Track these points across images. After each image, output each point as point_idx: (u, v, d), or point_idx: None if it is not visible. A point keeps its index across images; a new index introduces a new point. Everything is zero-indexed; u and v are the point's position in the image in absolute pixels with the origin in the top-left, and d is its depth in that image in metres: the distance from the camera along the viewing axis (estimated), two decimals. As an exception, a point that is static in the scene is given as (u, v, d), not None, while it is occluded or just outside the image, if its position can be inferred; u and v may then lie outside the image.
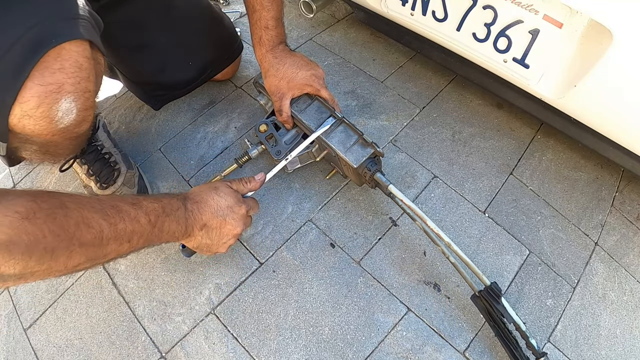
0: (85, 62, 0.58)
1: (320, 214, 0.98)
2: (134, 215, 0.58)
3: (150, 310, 0.88)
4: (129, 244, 0.58)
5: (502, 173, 1.06)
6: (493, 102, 1.20)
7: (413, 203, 0.81)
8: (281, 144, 0.93)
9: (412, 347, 0.82)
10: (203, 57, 1.08)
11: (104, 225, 0.54)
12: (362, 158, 0.83)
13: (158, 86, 1.08)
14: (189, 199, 0.71)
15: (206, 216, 0.71)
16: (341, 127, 0.87)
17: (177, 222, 0.66)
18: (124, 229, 0.56)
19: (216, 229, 0.73)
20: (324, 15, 1.46)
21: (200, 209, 0.70)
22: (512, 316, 0.74)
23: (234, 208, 0.74)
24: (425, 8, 0.96)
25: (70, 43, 0.56)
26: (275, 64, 0.88)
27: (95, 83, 0.61)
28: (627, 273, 0.95)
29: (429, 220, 0.79)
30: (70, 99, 0.57)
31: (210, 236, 0.73)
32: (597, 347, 0.85)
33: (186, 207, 0.69)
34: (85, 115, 0.61)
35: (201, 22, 1.04)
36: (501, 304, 0.74)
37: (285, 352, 0.82)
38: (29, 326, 0.90)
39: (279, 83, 0.89)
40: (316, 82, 0.90)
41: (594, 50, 0.75)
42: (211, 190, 0.73)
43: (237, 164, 0.95)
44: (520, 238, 0.96)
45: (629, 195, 1.07)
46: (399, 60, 1.30)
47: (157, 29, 0.98)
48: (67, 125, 0.59)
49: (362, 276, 0.90)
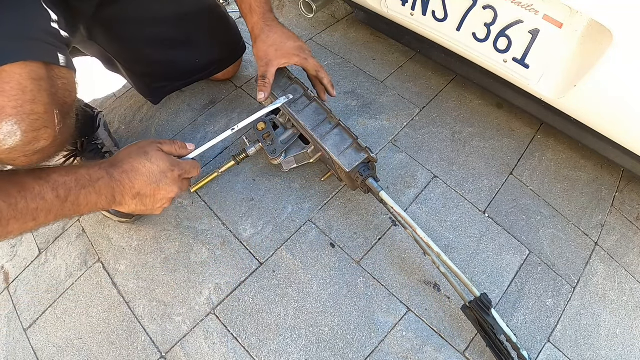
0: (30, 85, 0.55)
1: (320, 214, 0.98)
2: (38, 191, 0.56)
3: (150, 310, 0.88)
4: (34, 222, 0.57)
5: (502, 173, 1.06)
6: (493, 102, 1.20)
7: (404, 211, 0.81)
8: (277, 143, 0.93)
9: (412, 347, 0.82)
10: (210, 54, 1.09)
11: (2, 206, 0.52)
12: (354, 162, 0.82)
13: (161, 78, 1.08)
14: (116, 166, 0.68)
15: (139, 184, 0.69)
16: (337, 130, 0.87)
17: (98, 194, 0.64)
18: (26, 207, 0.55)
19: (150, 196, 0.71)
20: (324, 15, 1.46)
21: (131, 177, 0.68)
22: (502, 328, 0.72)
23: (167, 173, 0.72)
24: (425, 8, 0.96)
25: (12, 65, 0.54)
26: (267, 31, 0.90)
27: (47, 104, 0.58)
28: (627, 273, 0.95)
29: (419, 229, 0.78)
30: (12, 121, 0.54)
31: (144, 203, 0.72)
32: (597, 347, 0.85)
33: (112, 176, 0.66)
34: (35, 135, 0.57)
35: (209, 20, 1.05)
36: (491, 315, 0.73)
37: (285, 352, 0.82)
38: (29, 326, 0.90)
39: (267, 49, 0.90)
40: (303, 52, 0.92)
41: (594, 50, 0.75)
42: (141, 155, 0.70)
43: (235, 161, 0.94)
44: (520, 238, 0.96)
45: (629, 195, 1.07)
46: (399, 60, 1.30)
47: (166, 24, 0.98)
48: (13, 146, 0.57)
49: (362, 276, 0.90)
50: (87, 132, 1.00)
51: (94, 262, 0.96)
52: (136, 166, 0.69)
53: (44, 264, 0.98)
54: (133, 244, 0.97)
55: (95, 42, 0.95)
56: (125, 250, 0.96)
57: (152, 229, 0.98)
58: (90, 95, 1.29)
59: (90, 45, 0.99)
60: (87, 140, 0.99)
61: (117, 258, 0.95)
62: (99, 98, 1.29)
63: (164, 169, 0.71)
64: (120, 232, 0.99)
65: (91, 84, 1.30)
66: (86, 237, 1.00)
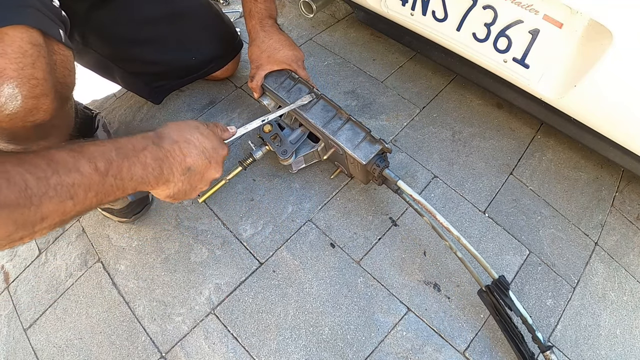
0: (30, 49, 0.55)
1: (320, 214, 0.98)
2: (72, 164, 0.47)
3: (150, 310, 0.88)
4: (72, 201, 0.46)
5: (502, 173, 1.06)
6: (493, 102, 1.20)
7: (422, 198, 0.81)
8: (287, 143, 0.93)
9: (412, 347, 0.82)
10: (205, 51, 1.10)
11: (30, 180, 0.42)
12: (370, 155, 0.83)
13: (159, 76, 1.09)
14: (164, 136, 0.60)
15: (191, 157, 0.61)
16: (348, 125, 0.88)
17: (144, 166, 0.55)
18: (59, 182, 0.45)
19: (199, 173, 0.64)
20: (324, 15, 1.46)
21: (182, 148, 0.60)
22: (519, 309, 0.74)
23: (218, 150, 0.66)
24: (425, 8, 0.96)
25: (14, 28, 0.53)
26: (262, 36, 0.93)
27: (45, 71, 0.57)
28: (627, 273, 0.95)
29: (438, 214, 0.79)
30: (13, 84, 0.54)
31: (192, 181, 0.63)
32: (597, 347, 0.85)
33: (160, 146, 0.58)
34: (35, 103, 0.56)
35: (203, 18, 1.06)
36: (509, 297, 0.75)
37: (285, 352, 0.82)
38: (29, 326, 0.90)
39: (260, 54, 0.93)
40: (295, 62, 0.94)
41: (594, 50, 0.75)
42: (192, 128, 0.63)
43: (241, 166, 0.93)
44: (520, 238, 0.96)
45: (629, 195, 1.07)
46: (399, 60, 1.30)
47: (159, 24, 0.99)
48: (14, 112, 0.55)
49: (362, 276, 0.90)
50: (85, 133, 1.00)
51: (94, 262, 0.96)
52: (188, 137, 0.62)
53: (44, 264, 0.98)
54: (133, 244, 0.97)
55: (90, 48, 0.96)
56: (125, 250, 0.96)
57: (152, 229, 0.98)
58: (90, 96, 1.29)
59: (85, 53, 0.99)
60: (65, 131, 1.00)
61: (117, 258, 0.95)
62: (99, 99, 1.29)
63: (215, 146, 0.66)
64: (120, 232, 0.99)
65: (91, 84, 1.30)
66: (86, 237, 1.00)
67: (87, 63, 1.05)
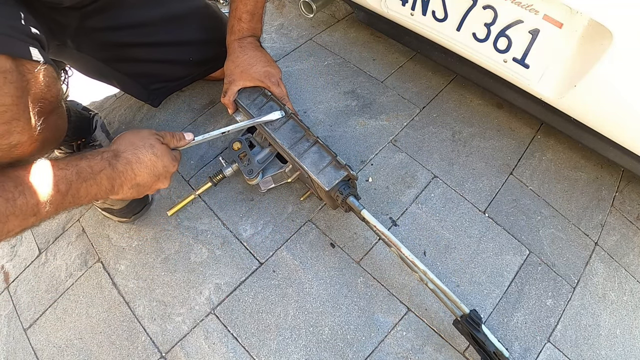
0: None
1: (320, 214, 0.98)
2: (38, 186, 0.55)
3: (150, 310, 0.88)
4: (35, 217, 0.56)
5: (502, 173, 1.06)
6: (493, 102, 1.20)
7: (387, 230, 0.79)
8: (254, 162, 0.90)
9: (412, 347, 0.82)
10: (202, 52, 1.09)
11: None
12: (334, 181, 0.79)
13: (157, 79, 1.08)
14: (121, 157, 0.68)
15: (141, 176, 0.69)
16: (315, 148, 0.84)
17: (98, 185, 0.64)
18: (25, 203, 0.54)
19: (146, 186, 0.72)
20: (324, 15, 1.46)
21: (134, 169, 0.69)
22: (494, 344, 0.72)
23: (169, 167, 0.74)
24: (425, 8, 0.96)
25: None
26: (238, 52, 0.95)
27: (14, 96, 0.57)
28: (627, 273, 0.95)
29: (403, 247, 0.76)
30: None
31: (139, 191, 0.72)
32: (597, 347, 0.85)
33: (115, 168, 0.66)
34: (6, 128, 0.56)
35: (199, 19, 1.06)
36: (482, 332, 0.72)
37: (285, 352, 0.82)
38: (29, 326, 0.90)
39: (233, 69, 0.95)
40: (267, 79, 0.94)
41: (594, 50, 0.75)
42: (147, 147, 0.71)
43: (211, 182, 0.91)
44: (520, 238, 0.96)
45: (629, 195, 1.07)
46: (399, 60, 1.30)
47: (154, 28, 0.98)
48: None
49: (362, 276, 0.90)
50: (83, 134, 1.00)
51: (94, 262, 0.96)
52: (141, 158, 0.69)
53: (44, 264, 0.98)
54: (133, 244, 0.97)
55: (85, 53, 0.95)
56: (125, 250, 0.96)
57: (152, 229, 0.98)
58: (89, 96, 1.29)
59: (80, 58, 0.98)
60: (83, 142, 1.00)
61: (117, 258, 0.95)
62: (99, 99, 1.29)
63: (166, 164, 0.73)
64: (120, 232, 0.99)
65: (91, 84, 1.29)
66: (86, 237, 1.00)
67: (83, 68, 1.04)
